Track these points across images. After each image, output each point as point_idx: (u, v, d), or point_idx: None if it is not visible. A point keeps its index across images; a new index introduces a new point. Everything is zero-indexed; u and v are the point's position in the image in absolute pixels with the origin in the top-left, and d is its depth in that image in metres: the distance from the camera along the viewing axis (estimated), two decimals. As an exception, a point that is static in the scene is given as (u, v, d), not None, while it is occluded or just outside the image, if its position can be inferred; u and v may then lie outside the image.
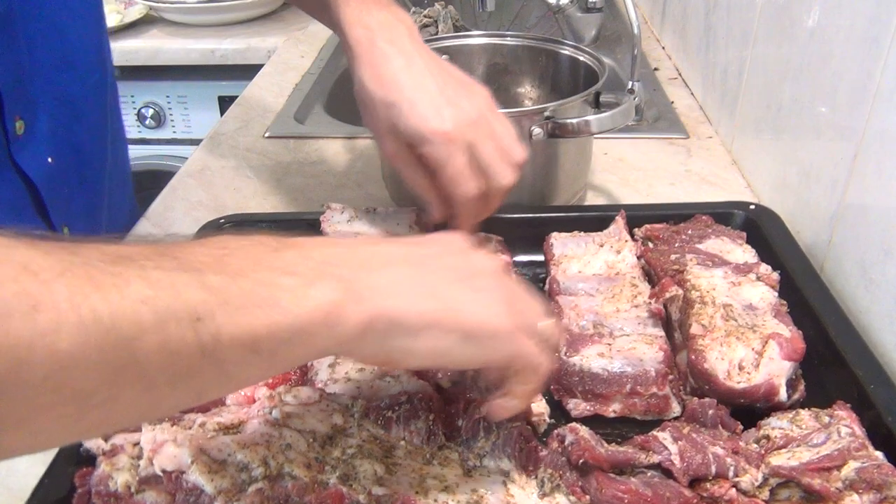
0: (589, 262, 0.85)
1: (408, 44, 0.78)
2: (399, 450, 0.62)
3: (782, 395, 0.67)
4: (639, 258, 0.85)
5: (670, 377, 0.70)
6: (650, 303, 0.77)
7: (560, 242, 0.88)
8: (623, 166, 1.20)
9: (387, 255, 0.52)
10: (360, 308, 0.46)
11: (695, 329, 0.71)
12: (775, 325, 0.71)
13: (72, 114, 0.98)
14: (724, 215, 0.91)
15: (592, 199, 1.10)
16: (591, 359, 0.70)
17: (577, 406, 0.70)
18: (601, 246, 0.86)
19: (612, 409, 0.70)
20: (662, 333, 0.74)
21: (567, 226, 0.91)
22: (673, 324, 0.76)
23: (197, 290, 0.41)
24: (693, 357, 0.69)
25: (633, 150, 1.24)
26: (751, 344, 0.69)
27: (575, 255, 0.86)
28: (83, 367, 0.36)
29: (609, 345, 0.72)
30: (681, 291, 0.76)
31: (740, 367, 0.68)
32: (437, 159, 0.73)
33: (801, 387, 0.70)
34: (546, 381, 0.58)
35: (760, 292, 0.75)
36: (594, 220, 0.91)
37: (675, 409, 0.70)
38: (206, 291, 0.41)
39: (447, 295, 0.51)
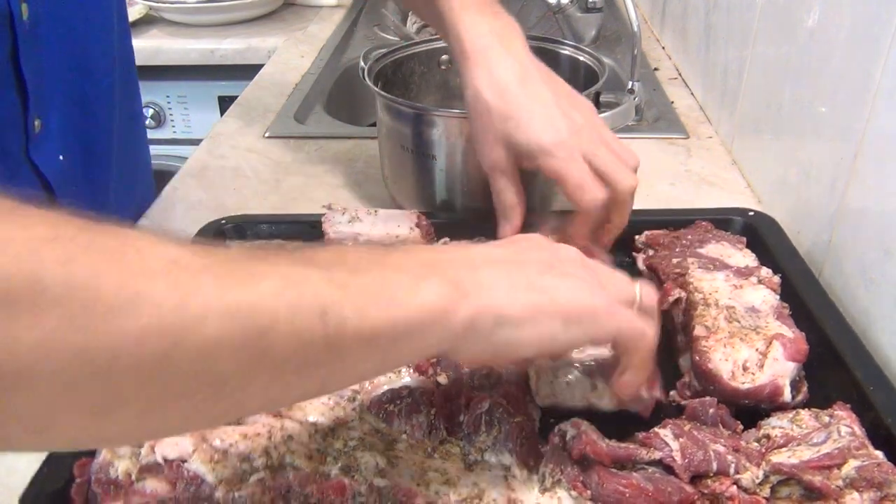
0: None
1: (523, 54, 0.78)
2: (400, 443, 0.62)
3: (786, 395, 0.67)
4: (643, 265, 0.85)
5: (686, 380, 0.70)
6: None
7: None
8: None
9: (481, 256, 0.55)
10: (467, 304, 0.48)
11: (699, 331, 0.71)
12: (778, 326, 0.71)
13: (82, 113, 0.99)
14: (723, 221, 0.91)
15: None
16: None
17: None
18: None
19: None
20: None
21: (565, 227, 0.90)
22: (676, 326, 0.76)
23: (324, 285, 0.43)
24: (697, 358, 0.69)
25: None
26: (755, 345, 0.69)
27: None
28: (224, 355, 0.39)
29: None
30: (684, 294, 0.76)
31: (744, 368, 0.68)
32: (559, 170, 0.74)
33: (805, 388, 0.70)
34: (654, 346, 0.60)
35: (762, 295, 0.75)
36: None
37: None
38: (331, 286, 0.43)
39: (542, 285, 0.53)
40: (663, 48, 1.69)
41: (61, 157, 0.94)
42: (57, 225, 0.36)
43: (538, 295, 0.53)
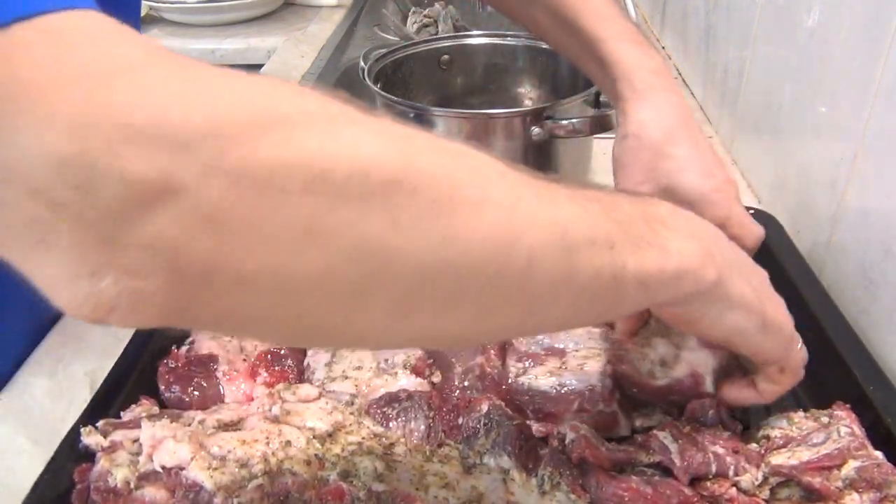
0: None
1: (680, 95, 0.79)
2: (399, 447, 0.62)
3: (708, 385, 0.67)
4: None
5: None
6: None
7: None
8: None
9: (720, 234, 0.58)
10: (713, 270, 0.51)
11: (617, 334, 0.72)
12: None
13: None
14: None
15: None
16: (539, 378, 0.69)
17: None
18: None
19: None
20: (611, 348, 0.73)
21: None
22: None
23: (609, 222, 0.45)
24: (614, 363, 0.69)
25: (633, 150, 1.24)
26: (672, 340, 0.69)
27: None
28: (543, 265, 0.41)
29: (562, 362, 0.71)
30: None
31: (662, 364, 0.68)
32: (720, 217, 0.73)
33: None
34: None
35: None
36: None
37: (623, 424, 0.68)
38: (615, 224, 0.46)
39: (756, 286, 0.57)
40: (663, 48, 1.69)
41: None
42: (409, 130, 0.38)
43: (754, 292, 0.56)
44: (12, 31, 0.29)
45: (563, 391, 0.68)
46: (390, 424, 0.64)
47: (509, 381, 0.70)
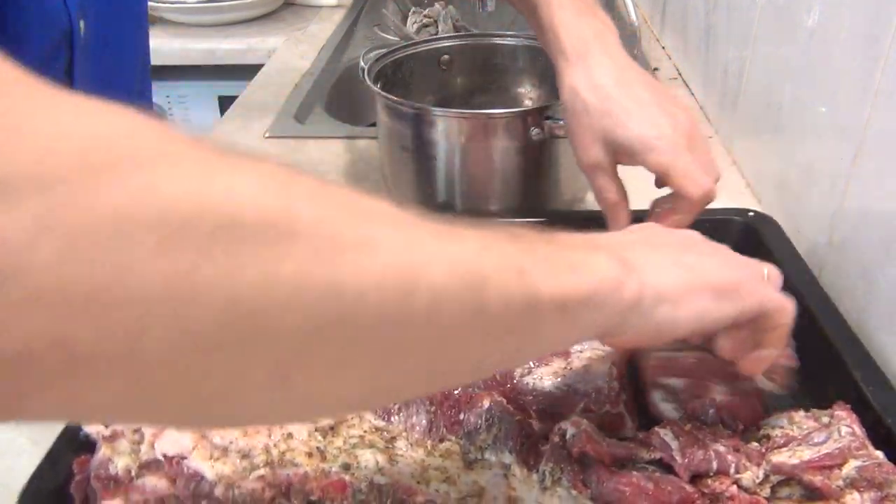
0: None
1: (621, 56, 0.79)
2: (400, 441, 0.62)
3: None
4: None
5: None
6: None
7: None
8: (622, 167, 1.19)
9: (625, 240, 0.57)
10: (634, 280, 0.50)
11: None
12: None
13: None
14: (722, 221, 0.91)
15: (592, 200, 1.10)
16: (544, 378, 0.70)
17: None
18: None
19: None
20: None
21: (567, 227, 0.90)
22: None
23: (514, 249, 0.43)
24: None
25: (632, 150, 1.24)
26: None
27: None
28: (449, 306, 0.38)
29: (566, 362, 0.71)
30: None
31: None
32: (664, 163, 0.73)
33: None
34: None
35: None
36: (593, 223, 0.90)
37: (630, 426, 0.68)
38: (523, 252, 0.44)
39: (687, 262, 0.55)
40: (663, 48, 1.69)
41: None
42: (283, 171, 0.35)
43: (686, 272, 0.54)
44: None
45: (568, 392, 0.68)
46: (392, 419, 0.64)
47: (514, 380, 0.70)
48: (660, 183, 0.77)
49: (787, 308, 0.59)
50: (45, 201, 0.26)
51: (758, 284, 0.58)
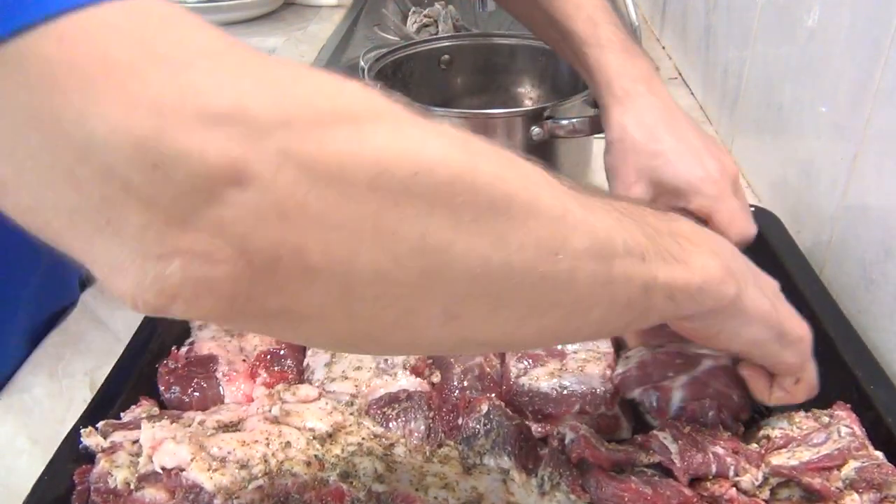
0: None
1: (667, 97, 0.81)
2: (398, 447, 0.62)
3: None
4: None
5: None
6: None
7: None
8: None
9: (735, 250, 0.58)
10: (733, 285, 0.52)
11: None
12: None
13: None
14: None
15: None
16: (540, 379, 0.70)
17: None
18: None
19: None
20: (612, 350, 0.73)
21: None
22: None
23: (640, 235, 0.47)
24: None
25: (633, 150, 1.24)
26: None
27: None
28: (585, 270, 0.42)
29: (562, 364, 0.71)
30: None
31: None
32: (709, 206, 0.75)
33: None
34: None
35: None
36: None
37: (625, 427, 0.68)
38: (646, 238, 0.47)
39: (772, 298, 0.58)
40: (663, 48, 1.69)
41: None
42: (466, 134, 0.39)
43: (769, 305, 0.56)
44: (102, 10, 0.30)
45: (564, 393, 0.68)
46: (390, 425, 0.64)
47: (510, 381, 0.70)
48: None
49: (814, 383, 0.63)
50: (286, 137, 0.32)
51: (810, 356, 0.61)
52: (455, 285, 0.38)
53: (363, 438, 0.61)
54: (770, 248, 0.85)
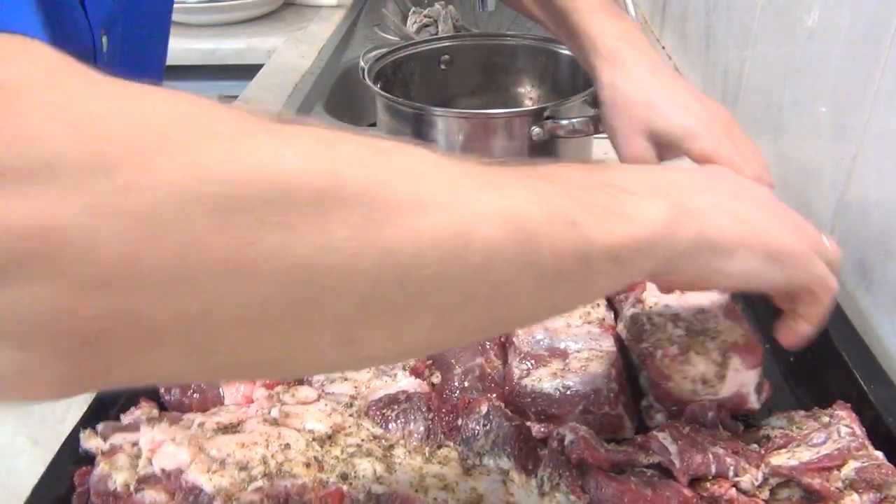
0: None
1: (650, 51, 0.81)
2: (398, 448, 0.62)
3: (752, 402, 0.67)
4: None
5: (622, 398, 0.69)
6: (604, 318, 0.76)
7: None
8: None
9: (691, 181, 0.55)
10: (690, 225, 0.49)
11: (650, 349, 0.71)
12: (729, 327, 0.70)
13: None
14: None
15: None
16: (543, 380, 0.69)
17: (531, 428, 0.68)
18: None
19: None
20: (615, 349, 0.73)
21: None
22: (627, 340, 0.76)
23: (564, 198, 0.42)
24: (654, 380, 0.68)
25: (633, 150, 1.24)
26: (711, 356, 0.68)
27: None
28: (501, 259, 0.38)
29: (564, 364, 0.71)
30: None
31: (704, 382, 0.67)
32: (707, 151, 0.73)
33: (767, 386, 0.69)
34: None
35: (709, 295, 0.75)
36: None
37: (629, 427, 0.68)
38: (572, 200, 0.43)
39: (749, 218, 0.53)
40: (663, 48, 1.68)
41: None
42: (329, 136, 0.35)
43: (747, 227, 0.53)
44: None
45: (567, 393, 0.68)
46: (389, 426, 0.63)
47: (513, 382, 0.70)
48: None
49: (830, 287, 0.58)
50: (103, 186, 0.26)
51: (810, 257, 0.56)
52: (344, 308, 0.34)
53: (362, 440, 0.61)
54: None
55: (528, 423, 0.67)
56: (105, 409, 0.67)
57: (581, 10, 0.83)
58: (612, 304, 0.80)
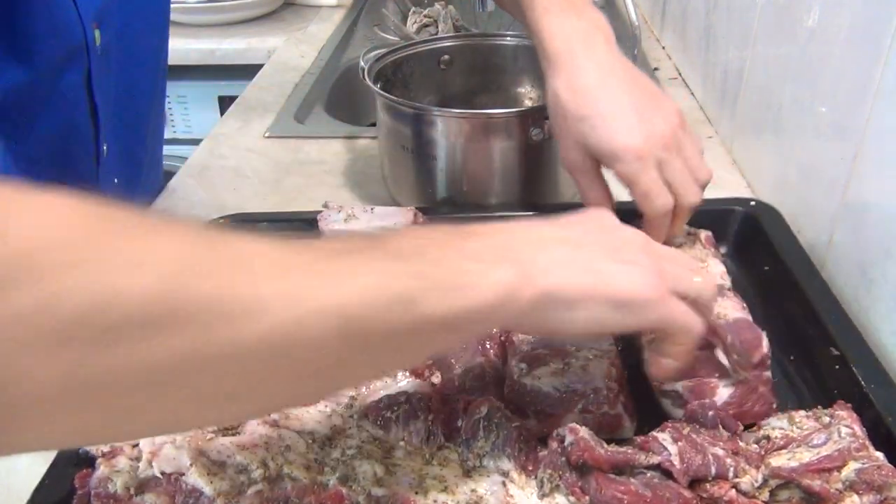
0: None
1: (604, 56, 0.78)
2: (398, 450, 0.62)
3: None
4: None
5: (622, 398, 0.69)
6: None
7: None
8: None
9: (548, 236, 0.56)
10: (531, 286, 0.51)
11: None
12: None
13: (133, 134, 1.02)
14: (724, 212, 0.91)
15: (592, 199, 1.10)
16: (542, 379, 0.69)
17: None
18: None
19: None
20: (614, 348, 0.73)
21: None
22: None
23: (408, 277, 0.46)
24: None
25: (633, 149, 1.24)
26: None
27: None
28: (330, 347, 0.42)
29: (564, 363, 0.71)
30: None
31: None
32: (628, 175, 0.74)
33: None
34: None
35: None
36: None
37: (628, 426, 0.68)
38: (415, 278, 0.46)
39: (599, 268, 0.55)
40: (663, 48, 1.68)
41: (116, 181, 0.95)
42: (177, 239, 0.38)
43: (593, 278, 0.54)
44: None
45: (566, 393, 0.68)
46: (390, 427, 0.64)
47: (513, 381, 0.69)
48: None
49: (689, 330, 0.59)
50: None
51: (664, 302, 0.57)
52: (174, 405, 0.39)
53: (362, 441, 0.61)
54: (771, 244, 0.85)
55: (529, 427, 0.67)
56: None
57: (537, 7, 0.80)
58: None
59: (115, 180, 0.96)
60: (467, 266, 0.49)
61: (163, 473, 0.56)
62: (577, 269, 0.54)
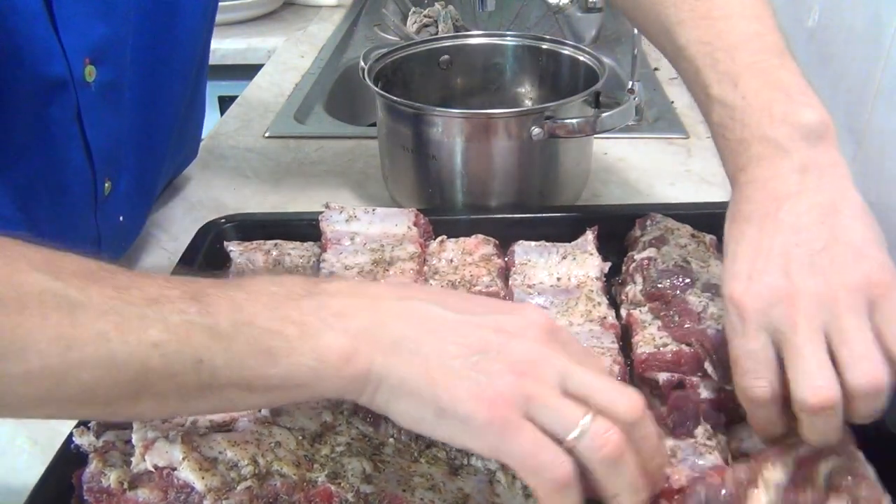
0: (549, 273, 0.83)
1: (788, 171, 0.63)
2: (387, 447, 0.62)
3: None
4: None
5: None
6: (605, 317, 0.76)
7: (522, 250, 0.86)
8: (623, 166, 1.20)
9: (404, 313, 0.51)
10: (353, 362, 0.48)
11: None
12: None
13: (149, 170, 1.00)
14: (724, 215, 0.91)
15: (592, 200, 1.10)
16: None
17: None
18: (564, 258, 0.85)
19: None
20: (616, 346, 0.73)
21: (566, 226, 0.90)
22: None
23: (206, 336, 0.47)
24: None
25: (633, 150, 1.24)
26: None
27: (536, 265, 0.84)
28: (103, 390, 0.46)
29: None
30: None
31: None
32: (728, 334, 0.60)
33: None
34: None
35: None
36: (593, 220, 0.90)
37: None
38: (213, 339, 0.47)
39: (440, 366, 0.48)
40: (664, 47, 1.68)
41: (121, 219, 0.93)
42: None
43: (426, 375, 0.48)
44: None
45: None
46: (379, 425, 0.64)
47: None
48: None
49: (543, 472, 0.47)
50: None
51: (504, 429, 0.47)
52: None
53: (352, 439, 0.61)
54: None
55: None
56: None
57: (724, 68, 0.66)
58: (613, 303, 0.80)
59: (121, 218, 0.93)
60: (282, 330, 0.48)
61: (155, 467, 0.56)
62: (417, 358, 0.48)
